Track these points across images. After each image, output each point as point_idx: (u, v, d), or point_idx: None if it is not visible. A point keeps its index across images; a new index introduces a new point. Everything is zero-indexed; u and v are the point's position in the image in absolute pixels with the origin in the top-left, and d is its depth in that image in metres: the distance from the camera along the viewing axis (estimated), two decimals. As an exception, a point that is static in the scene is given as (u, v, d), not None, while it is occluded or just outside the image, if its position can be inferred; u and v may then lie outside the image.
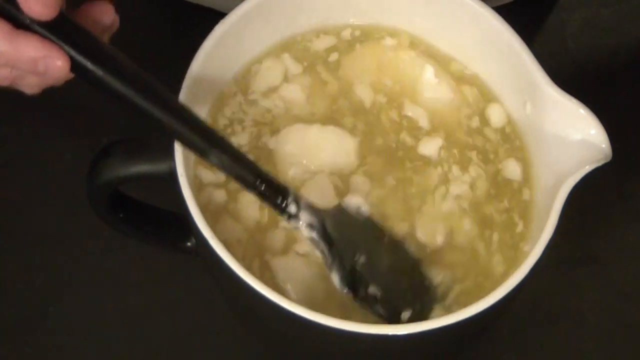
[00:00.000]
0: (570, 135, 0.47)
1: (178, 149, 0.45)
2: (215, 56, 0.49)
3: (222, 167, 0.43)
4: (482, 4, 0.51)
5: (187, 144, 0.43)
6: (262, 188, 0.44)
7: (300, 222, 0.46)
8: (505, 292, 0.43)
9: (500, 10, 0.50)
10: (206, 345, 0.57)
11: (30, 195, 0.61)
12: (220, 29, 0.49)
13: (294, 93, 0.52)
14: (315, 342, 0.46)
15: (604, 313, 0.59)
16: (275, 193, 0.45)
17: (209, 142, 0.43)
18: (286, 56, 0.53)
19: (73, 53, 0.40)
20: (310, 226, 0.46)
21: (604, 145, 0.46)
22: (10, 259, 0.59)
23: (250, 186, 0.44)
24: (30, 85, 0.41)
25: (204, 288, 0.55)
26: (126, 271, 0.59)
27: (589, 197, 0.61)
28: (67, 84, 0.65)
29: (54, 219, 0.60)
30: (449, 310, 0.47)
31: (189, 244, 0.53)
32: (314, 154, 0.50)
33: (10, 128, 0.64)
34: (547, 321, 0.58)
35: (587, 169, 0.45)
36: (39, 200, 0.61)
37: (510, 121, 0.52)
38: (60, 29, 0.39)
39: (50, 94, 0.64)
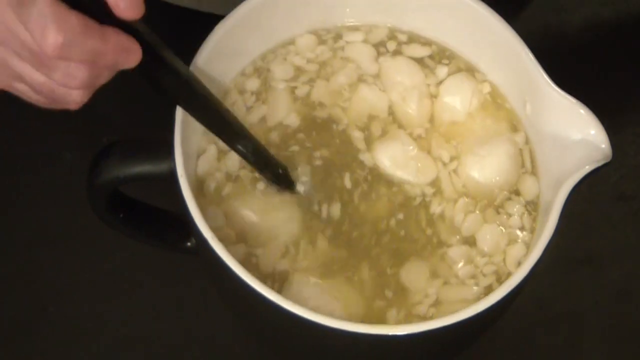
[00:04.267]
0: (570, 135, 0.47)
1: (178, 150, 0.45)
2: (214, 59, 0.50)
3: (245, 157, 0.48)
4: (482, 4, 0.51)
5: (217, 133, 0.47)
6: (274, 175, 0.49)
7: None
8: (505, 292, 0.43)
9: (500, 10, 0.50)
10: (206, 345, 0.57)
11: (31, 195, 0.61)
12: (217, 33, 0.49)
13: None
14: (315, 342, 0.46)
15: (604, 313, 0.59)
16: (284, 179, 0.50)
17: (238, 134, 0.47)
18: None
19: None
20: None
21: (604, 145, 0.46)
22: (10, 259, 0.59)
23: (262, 173, 0.49)
24: (98, 82, 0.41)
25: (204, 288, 0.55)
26: (126, 271, 0.59)
27: (589, 197, 0.61)
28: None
29: (54, 219, 0.60)
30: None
31: (189, 244, 0.53)
32: None
33: (11, 128, 0.64)
34: (547, 321, 0.58)
35: (587, 169, 0.45)
36: (39, 200, 0.61)
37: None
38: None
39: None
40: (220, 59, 0.50)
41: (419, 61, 0.54)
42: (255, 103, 0.52)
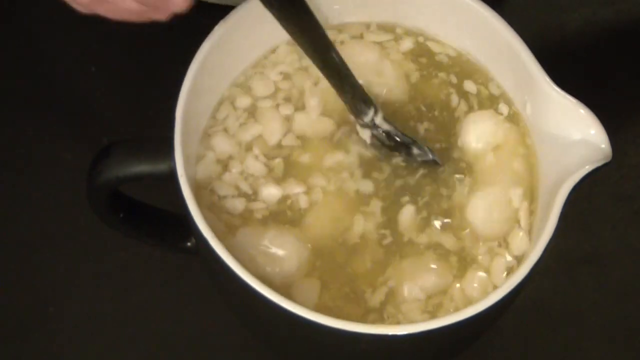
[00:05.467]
0: (570, 135, 0.47)
1: (178, 150, 0.45)
2: (214, 60, 0.50)
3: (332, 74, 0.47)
4: (482, 4, 0.51)
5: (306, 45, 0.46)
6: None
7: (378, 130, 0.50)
8: (505, 292, 0.43)
9: (499, 10, 0.50)
10: (206, 345, 0.57)
11: (30, 195, 0.61)
12: (216, 34, 0.49)
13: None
14: (315, 342, 0.46)
15: (604, 313, 0.59)
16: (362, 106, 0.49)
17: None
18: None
19: None
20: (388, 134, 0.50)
21: (603, 145, 0.46)
22: (10, 259, 0.59)
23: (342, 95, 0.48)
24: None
25: (204, 288, 0.55)
26: (126, 271, 0.59)
27: (589, 197, 0.61)
28: (67, 85, 0.66)
29: (54, 219, 0.60)
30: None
31: (189, 244, 0.53)
32: None
33: (10, 128, 0.64)
34: (547, 321, 0.58)
35: (587, 169, 0.45)
36: (38, 200, 0.61)
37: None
38: None
39: (51, 94, 0.65)
40: (212, 70, 0.50)
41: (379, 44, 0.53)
42: (248, 120, 0.51)
